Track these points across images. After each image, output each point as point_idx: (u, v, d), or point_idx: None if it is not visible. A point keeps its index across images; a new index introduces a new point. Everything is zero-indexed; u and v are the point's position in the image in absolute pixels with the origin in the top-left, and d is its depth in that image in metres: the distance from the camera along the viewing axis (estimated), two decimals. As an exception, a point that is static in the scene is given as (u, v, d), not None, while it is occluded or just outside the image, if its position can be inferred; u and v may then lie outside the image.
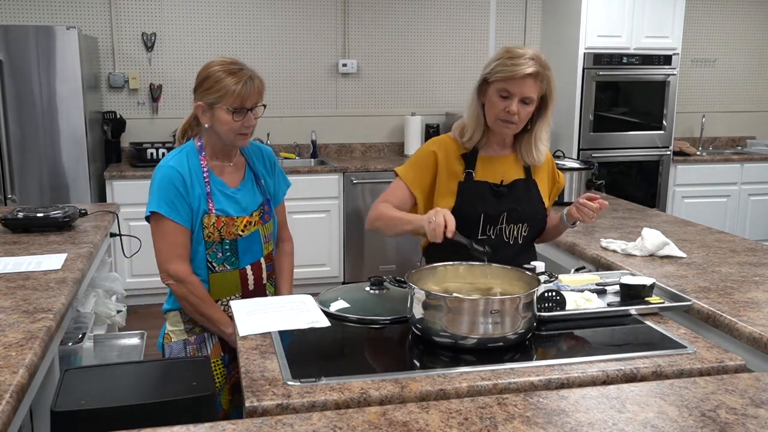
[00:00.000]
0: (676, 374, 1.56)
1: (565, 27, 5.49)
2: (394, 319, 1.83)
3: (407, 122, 5.60)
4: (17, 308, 1.94)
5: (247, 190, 2.19)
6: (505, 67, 2.07)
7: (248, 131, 2.10)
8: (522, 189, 2.22)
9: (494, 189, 2.18)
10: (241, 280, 2.17)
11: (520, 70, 2.04)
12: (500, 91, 2.09)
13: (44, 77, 4.31)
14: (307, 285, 5.06)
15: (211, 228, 2.08)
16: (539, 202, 2.26)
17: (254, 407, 1.38)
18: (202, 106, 2.06)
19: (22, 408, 1.57)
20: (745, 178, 5.85)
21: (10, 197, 4.37)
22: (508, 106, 2.08)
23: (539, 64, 2.08)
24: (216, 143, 2.12)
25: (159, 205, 2.04)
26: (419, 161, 2.24)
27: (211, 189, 2.10)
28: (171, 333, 2.19)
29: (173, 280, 2.07)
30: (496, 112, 2.11)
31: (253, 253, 2.18)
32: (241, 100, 2.03)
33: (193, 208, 2.07)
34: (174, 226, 2.05)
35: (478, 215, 2.16)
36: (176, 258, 2.06)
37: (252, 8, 5.35)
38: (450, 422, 1.29)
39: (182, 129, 2.21)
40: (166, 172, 2.06)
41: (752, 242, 2.80)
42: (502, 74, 2.07)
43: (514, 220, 2.20)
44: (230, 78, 2.02)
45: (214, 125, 2.07)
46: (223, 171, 2.16)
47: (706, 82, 6.32)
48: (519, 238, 2.22)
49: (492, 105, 2.12)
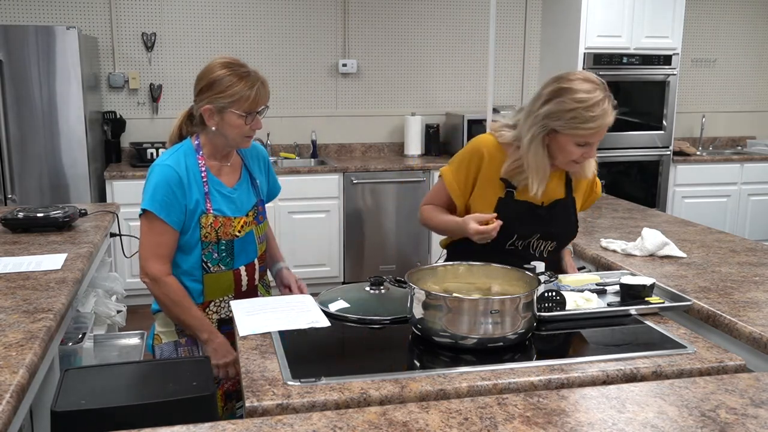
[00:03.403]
0: (676, 374, 1.56)
1: (565, 27, 5.49)
2: (394, 319, 1.83)
3: (407, 122, 5.60)
4: (17, 308, 1.94)
5: (243, 190, 2.18)
6: (586, 123, 1.90)
7: (254, 134, 2.09)
8: (560, 210, 2.15)
9: (534, 210, 2.11)
10: (235, 281, 2.16)
11: (604, 123, 1.92)
12: (578, 142, 1.96)
13: (44, 77, 4.31)
14: (307, 285, 5.05)
15: (208, 228, 2.07)
16: (574, 222, 2.21)
17: (254, 407, 1.38)
18: (211, 109, 2.03)
19: (22, 408, 1.57)
20: (745, 178, 5.84)
21: (10, 197, 4.37)
22: (587, 153, 1.99)
23: (611, 99, 1.93)
24: (218, 144, 2.11)
25: (152, 204, 2.01)
26: (465, 158, 2.14)
27: (209, 189, 2.08)
28: (161, 334, 2.17)
29: (149, 278, 2.05)
30: (571, 157, 2.00)
31: (248, 253, 2.17)
32: (254, 105, 2.02)
33: (189, 209, 2.05)
34: (162, 226, 2.03)
35: (512, 233, 2.10)
36: (156, 257, 2.04)
37: (252, 8, 5.35)
38: (450, 422, 1.29)
39: (177, 129, 2.18)
40: (164, 171, 2.03)
41: (752, 242, 2.80)
42: (584, 131, 1.92)
43: (545, 238, 2.16)
44: (242, 83, 2.00)
45: (222, 128, 2.05)
46: (221, 171, 2.14)
47: (706, 82, 6.32)
48: (544, 252, 2.19)
49: (567, 153, 1.99)
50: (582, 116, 1.91)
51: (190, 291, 2.11)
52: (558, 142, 1.99)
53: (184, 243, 2.08)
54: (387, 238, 5.21)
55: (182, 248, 2.09)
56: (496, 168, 2.10)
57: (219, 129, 2.06)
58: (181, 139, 2.17)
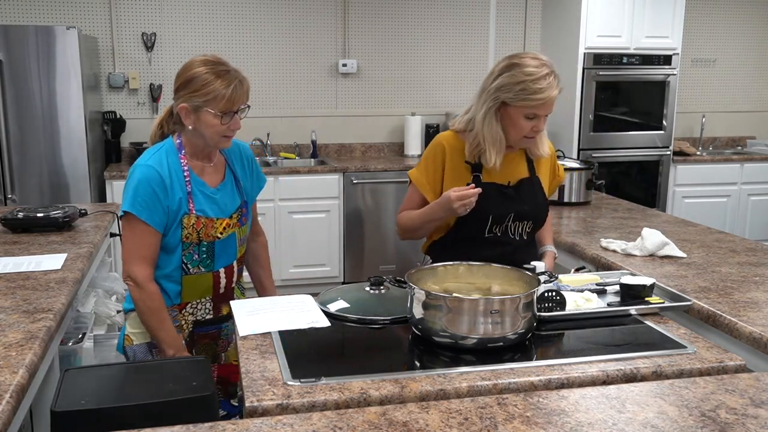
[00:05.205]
0: (676, 374, 1.56)
1: (565, 27, 5.49)
2: (394, 319, 1.83)
3: (407, 122, 5.60)
4: (17, 308, 1.94)
5: (227, 191, 2.13)
6: (533, 94, 2.02)
7: (233, 134, 2.05)
8: (528, 188, 2.25)
9: (502, 190, 2.21)
10: (214, 283, 2.12)
11: (549, 95, 2.02)
12: (527, 114, 2.07)
13: (44, 77, 4.31)
14: (307, 285, 5.06)
15: (190, 229, 2.03)
16: (543, 199, 2.30)
17: (254, 407, 1.38)
18: (187, 108, 1.99)
19: (22, 408, 1.57)
20: (745, 178, 5.85)
21: (10, 197, 4.37)
22: (535, 125, 2.08)
23: (557, 77, 2.05)
24: (197, 144, 2.07)
25: (133, 206, 1.97)
26: (429, 155, 2.26)
27: (191, 189, 2.04)
28: (132, 335, 2.11)
29: (132, 281, 2.01)
30: (522, 131, 2.11)
31: (228, 256, 2.13)
32: (231, 104, 1.98)
33: (171, 210, 2.01)
34: (145, 227, 1.99)
35: (487, 216, 2.18)
36: (140, 259, 2.00)
37: (252, 8, 5.35)
38: (450, 422, 1.29)
39: (158, 127, 2.13)
40: (145, 172, 1.99)
41: (752, 242, 2.80)
42: (531, 101, 2.03)
43: (520, 219, 2.23)
44: (219, 81, 1.96)
45: (199, 127, 2.01)
46: (204, 171, 2.10)
47: (706, 82, 6.32)
48: (524, 234, 2.27)
49: (518, 127, 2.10)
50: (530, 88, 2.03)
51: (168, 292, 2.07)
52: (509, 116, 2.10)
53: (165, 243, 2.04)
54: (387, 238, 5.20)
55: (163, 248, 2.05)
56: (459, 157, 2.21)
57: (195, 128, 2.01)
58: (163, 137, 2.13)
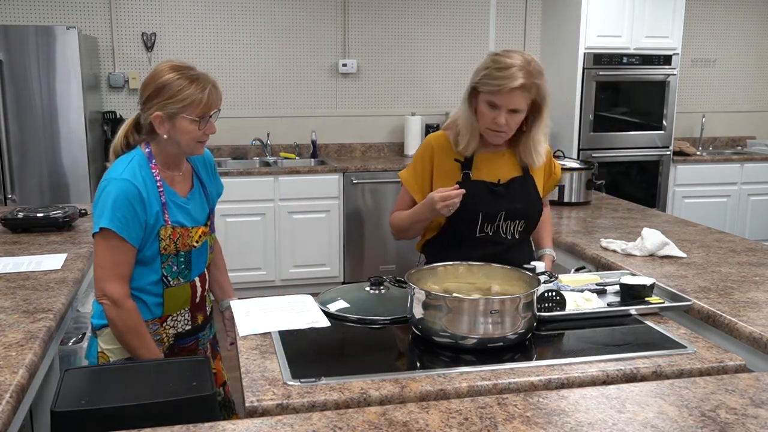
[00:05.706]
0: (676, 374, 1.57)
1: (565, 27, 5.49)
2: (394, 319, 1.83)
3: (407, 122, 5.60)
4: (17, 308, 1.94)
5: (196, 200, 2.09)
6: (493, 80, 2.02)
7: (207, 139, 2.01)
8: (519, 187, 2.22)
9: (492, 188, 2.18)
10: (191, 293, 2.08)
11: (507, 84, 2.00)
12: (488, 102, 2.06)
13: (44, 77, 4.31)
14: (307, 285, 5.07)
15: (167, 240, 1.97)
16: (537, 198, 2.26)
17: (254, 407, 1.38)
18: (161, 116, 1.92)
19: (22, 408, 1.57)
20: (745, 178, 5.84)
21: (10, 197, 4.37)
22: (496, 117, 2.06)
23: (527, 74, 2.02)
24: (170, 152, 2.00)
25: (112, 222, 1.88)
26: (418, 156, 2.26)
27: (165, 200, 1.99)
28: (108, 352, 2.00)
29: (108, 300, 1.91)
30: (485, 122, 2.10)
31: (200, 264, 2.10)
32: (207, 108, 1.95)
33: (149, 224, 1.95)
34: (122, 244, 1.90)
35: (476, 215, 2.16)
36: (117, 277, 1.91)
37: (252, 8, 5.35)
38: (450, 422, 1.29)
39: (122, 138, 2.04)
40: (122, 186, 1.91)
41: (752, 242, 2.80)
42: (489, 87, 2.03)
43: (511, 218, 2.20)
44: (193, 86, 1.92)
45: (174, 135, 1.95)
46: (174, 180, 2.05)
47: (706, 82, 6.32)
48: (516, 234, 2.23)
49: (482, 115, 2.10)
50: (492, 74, 2.04)
51: (149, 306, 2.00)
52: (477, 102, 2.11)
53: (141, 257, 1.96)
54: (387, 238, 5.20)
55: (140, 262, 1.97)
56: (448, 156, 2.21)
57: (171, 136, 1.95)
58: (129, 148, 2.04)
